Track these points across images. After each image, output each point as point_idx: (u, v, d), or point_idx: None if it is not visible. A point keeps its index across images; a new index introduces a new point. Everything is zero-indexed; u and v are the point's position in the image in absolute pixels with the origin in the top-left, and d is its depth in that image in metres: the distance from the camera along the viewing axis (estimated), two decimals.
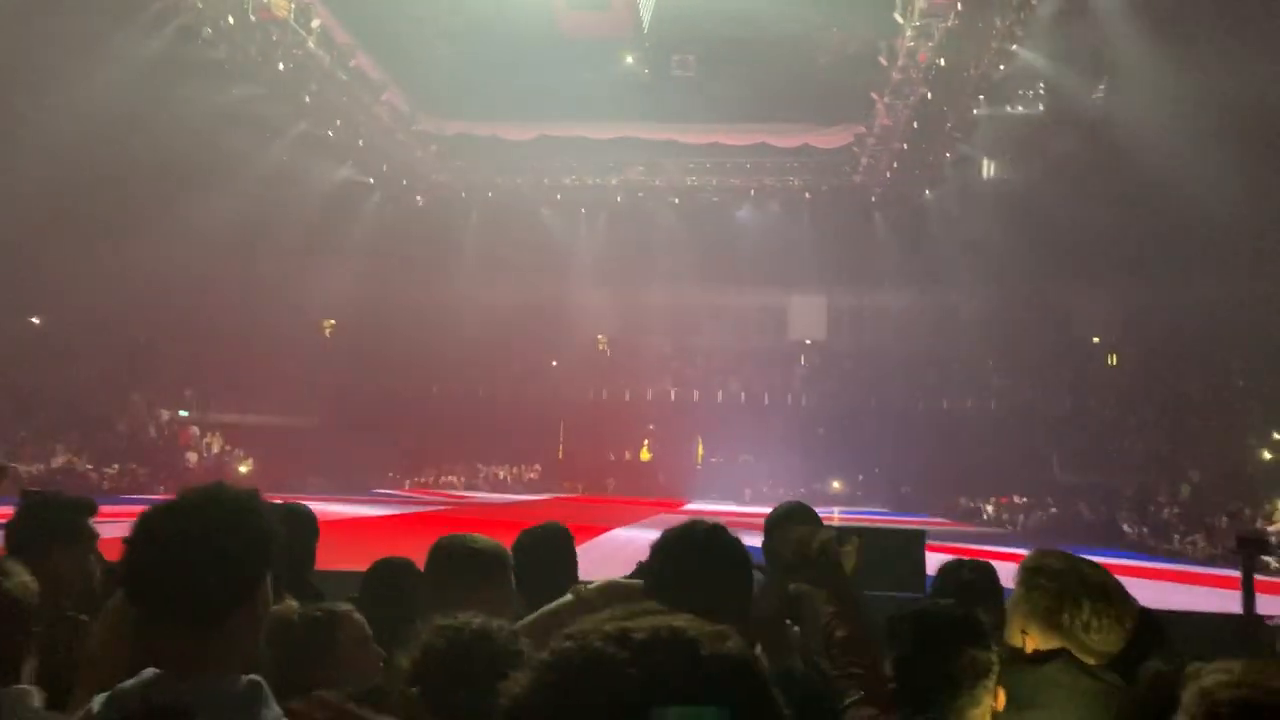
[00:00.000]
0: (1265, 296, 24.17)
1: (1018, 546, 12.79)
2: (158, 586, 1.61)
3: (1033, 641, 2.41)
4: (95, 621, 2.43)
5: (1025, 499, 24.98)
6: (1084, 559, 2.49)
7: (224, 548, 1.61)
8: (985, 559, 3.78)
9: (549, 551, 3.30)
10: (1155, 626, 2.77)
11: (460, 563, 2.65)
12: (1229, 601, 6.88)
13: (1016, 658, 2.38)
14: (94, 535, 2.98)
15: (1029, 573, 2.48)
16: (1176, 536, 17.02)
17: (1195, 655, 2.03)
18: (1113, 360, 33.40)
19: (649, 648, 0.80)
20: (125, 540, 1.65)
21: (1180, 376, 29.11)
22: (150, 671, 1.61)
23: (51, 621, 2.45)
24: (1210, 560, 15.80)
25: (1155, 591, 8.57)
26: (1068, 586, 2.39)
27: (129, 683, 1.63)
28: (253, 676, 1.64)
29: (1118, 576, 2.49)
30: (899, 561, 6.79)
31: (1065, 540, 18.89)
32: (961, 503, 27.22)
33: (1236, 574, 4.14)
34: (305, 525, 3.57)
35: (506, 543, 2.90)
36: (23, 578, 2.11)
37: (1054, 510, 22.71)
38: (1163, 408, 29.04)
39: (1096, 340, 33.80)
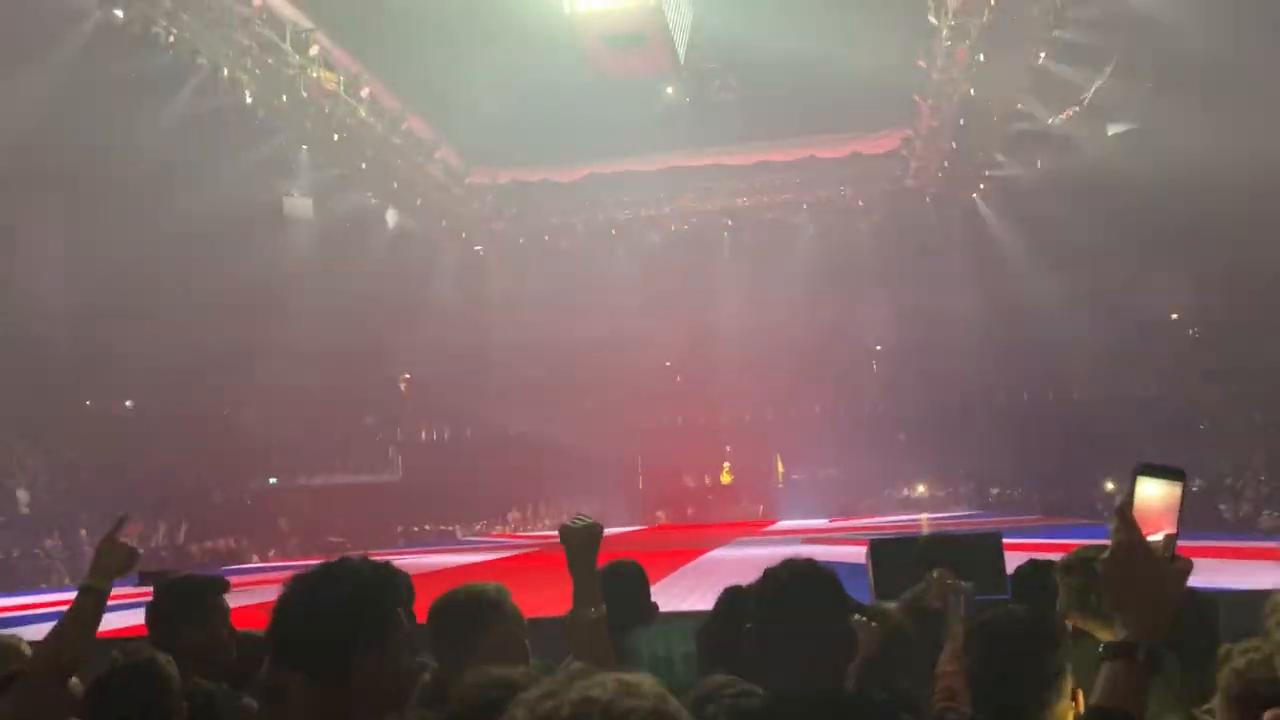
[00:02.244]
0: None
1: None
2: (291, 636, 1.86)
3: (1076, 628, 2.53)
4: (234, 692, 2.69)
5: (1118, 485, 24.40)
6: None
7: (347, 598, 1.87)
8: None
9: (620, 585, 3.41)
10: (1199, 606, 2.85)
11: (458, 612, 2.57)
12: None
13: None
14: (226, 610, 3.23)
15: (1065, 565, 2.64)
16: (1266, 512, 16.53)
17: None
18: (1194, 334, 32.51)
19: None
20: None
21: (1264, 342, 28.20)
22: None
23: (188, 694, 2.66)
24: None
25: (1242, 573, 8.41)
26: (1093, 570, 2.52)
27: None
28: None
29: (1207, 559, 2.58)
30: (978, 565, 6.85)
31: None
32: (1050, 498, 26.71)
33: None
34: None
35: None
36: (170, 670, 2.37)
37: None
38: (1251, 375, 28.15)
39: (1175, 316, 32.96)
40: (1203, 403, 28.82)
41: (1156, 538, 1.48)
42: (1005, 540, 6.59)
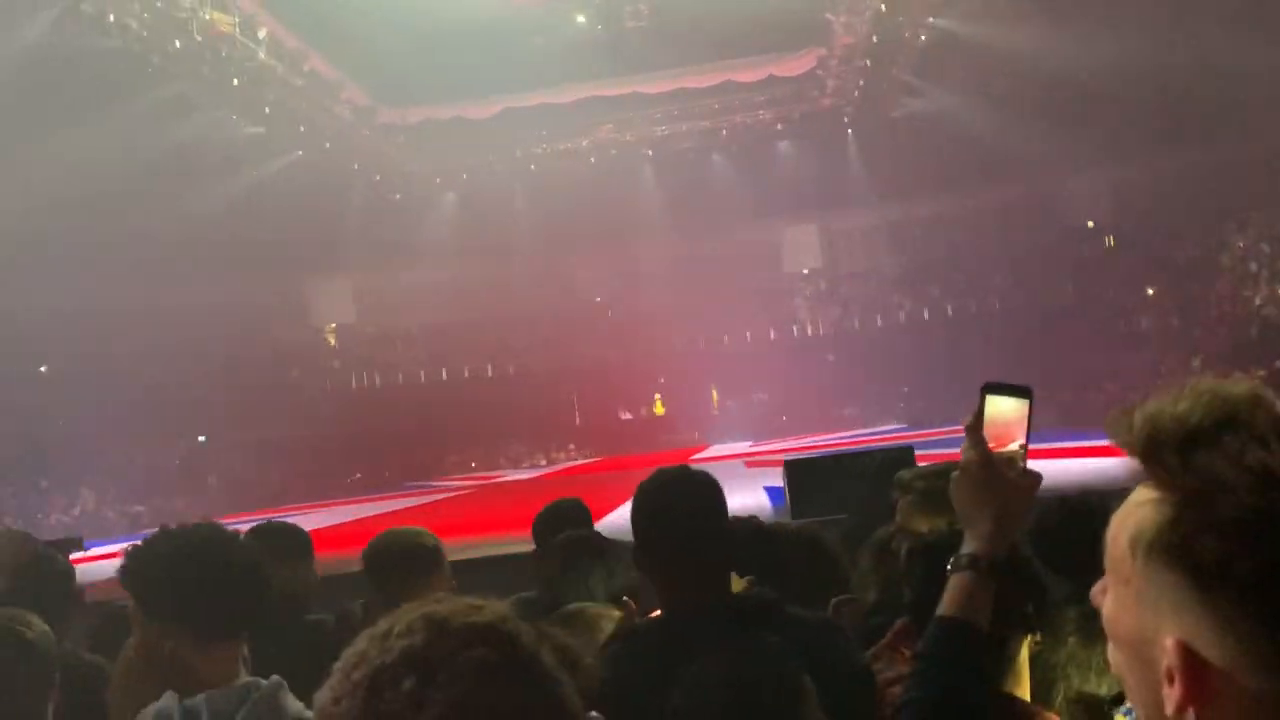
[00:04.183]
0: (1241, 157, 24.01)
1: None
2: (192, 610, 1.84)
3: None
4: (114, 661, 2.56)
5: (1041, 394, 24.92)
6: None
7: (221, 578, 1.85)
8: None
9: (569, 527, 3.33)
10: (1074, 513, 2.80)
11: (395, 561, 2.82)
12: None
13: None
14: (71, 572, 3.12)
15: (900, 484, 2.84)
16: None
17: None
18: (1110, 242, 33.30)
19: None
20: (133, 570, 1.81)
21: (1177, 246, 29.07)
22: (170, 694, 1.75)
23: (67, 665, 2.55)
24: None
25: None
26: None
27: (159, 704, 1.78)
28: (275, 677, 1.82)
29: None
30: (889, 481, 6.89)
31: (1077, 427, 19.00)
32: (972, 407, 27.20)
33: None
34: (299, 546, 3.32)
35: None
36: (42, 627, 2.24)
37: (1067, 401, 22.72)
38: (1164, 281, 29.05)
39: (1091, 225, 33.69)
40: (1120, 308, 29.63)
41: (1012, 447, 1.50)
42: (923, 452, 6.66)
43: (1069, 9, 23.72)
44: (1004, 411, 1.52)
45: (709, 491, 2.15)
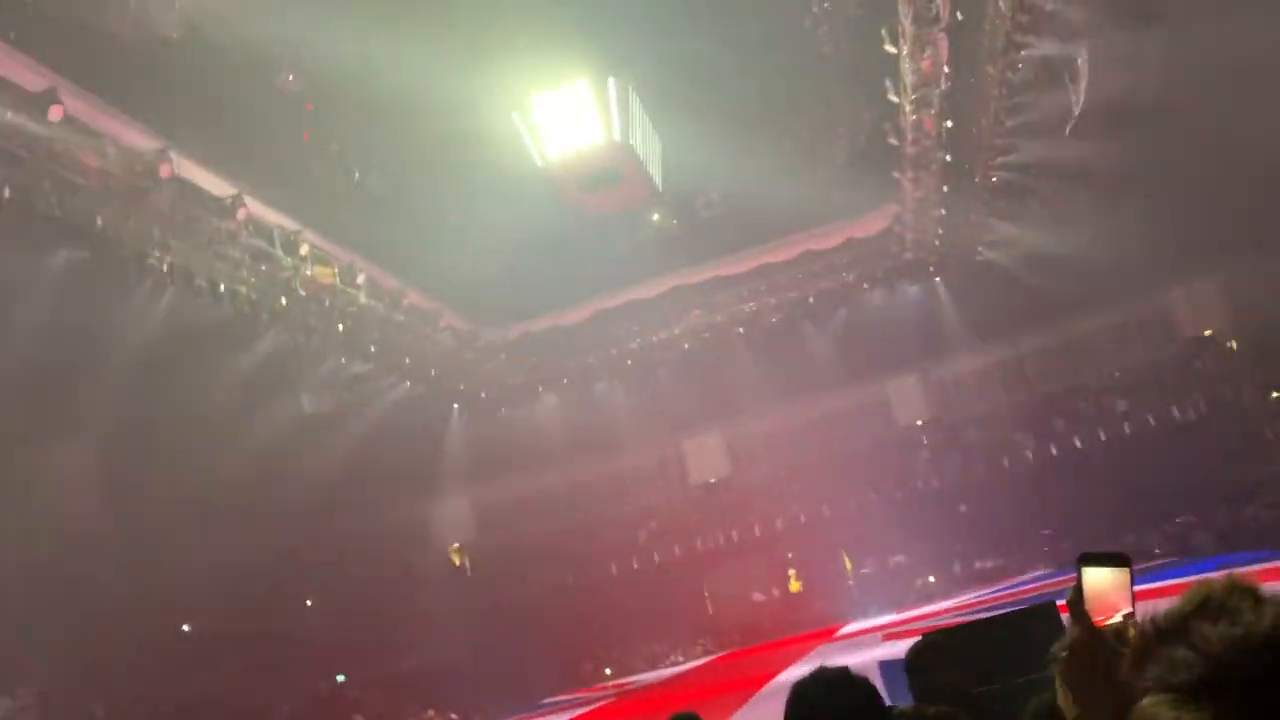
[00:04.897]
0: None
1: (1186, 574, 11.91)
2: None
3: None
4: None
5: (1191, 517, 23.45)
6: None
7: None
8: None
9: None
10: None
11: None
12: None
13: None
14: None
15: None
16: None
17: None
18: (1233, 346, 31.77)
19: None
20: None
21: None
22: None
23: None
24: None
25: None
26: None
27: None
28: None
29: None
30: (1040, 639, 6.34)
31: (1236, 553, 17.66)
32: (1127, 540, 25.66)
33: None
34: None
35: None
36: None
37: (1220, 520, 21.25)
38: None
39: (1209, 333, 32.30)
40: (1259, 415, 27.96)
41: (1117, 619, 1.44)
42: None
43: (1135, 111, 23.49)
44: (1103, 582, 1.47)
45: (860, 698, 2.23)
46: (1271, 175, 22.65)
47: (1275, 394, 28.17)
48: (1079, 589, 1.47)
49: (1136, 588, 1.52)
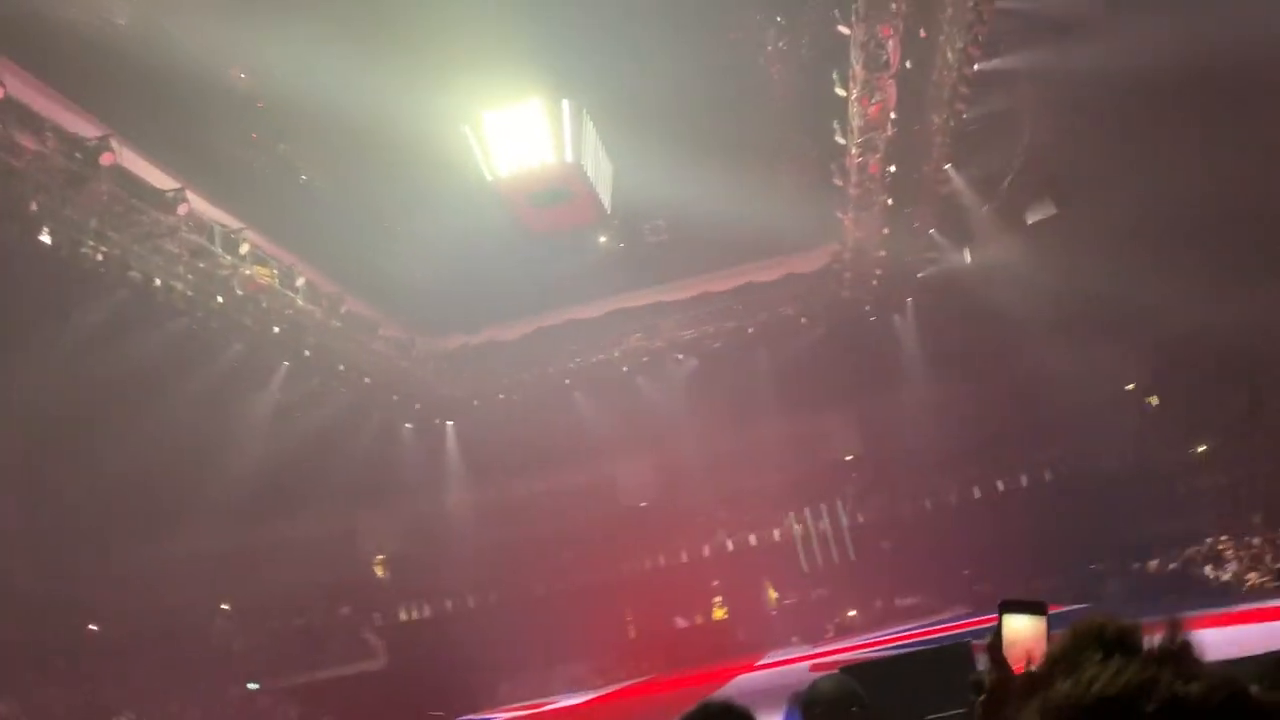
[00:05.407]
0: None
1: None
2: None
3: None
4: None
5: (1104, 566, 24.12)
6: None
7: None
8: None
9: None
10: None
11: None
12: None
13: None
14: None
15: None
16: (1253, 574, 16.33)
17: None
18: (1153, 403, 32.79)
19: None
20: None
21: (1219, 402, 28.60)
22: None
23: None
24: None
25: (1217, 639, 8.17)
26: None
27: None
28: None
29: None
30: (951, 678, 6.58)
31: (1144, 601, 18.22)
32: (1043, 584, 26.29)
33: None
34: None
35: None
36: None
37: (1131, 569, 21.91)
38: (1217, 439, 28.49)
39: (1131, 388, 33.29)
40: (1174, 470, 28.89)
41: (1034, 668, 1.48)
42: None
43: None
44: (1023, 629, 1.52)
45: None
46: (1200, 232, 23.58)
47: (1192, 450, 29.14)
48: (999, 634, 1.52)
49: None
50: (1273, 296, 25.39)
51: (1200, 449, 29.12)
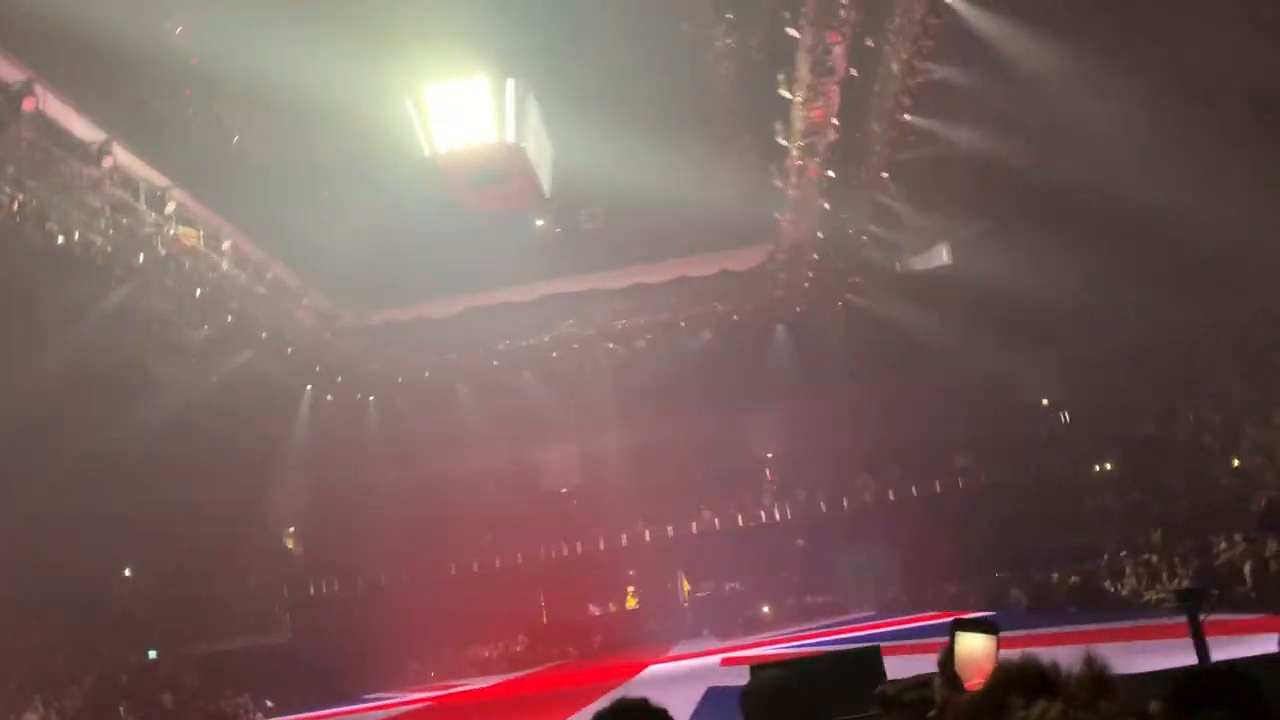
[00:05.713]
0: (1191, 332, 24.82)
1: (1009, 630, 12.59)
2: None
3: None
4: None
5: (1008, 574, 24.76)
6: None
7: None
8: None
9: None
10: None
11: None
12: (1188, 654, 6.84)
13: None
14: None
15: None
16: (1153, 592, 16.94)
17: None
18: (1065, 418, 33.78)
19: None
20: None
21: (1131, 421, 29.60)
22: None
23: None
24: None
25: (1118, 654, 8.44)
26: None
27: None
28: None
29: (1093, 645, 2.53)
30: (861, 683, 6.71)
31: (1046, 612, 18.80)
32: (950, 591, 26.96)
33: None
34: None
35: None
36: None
37: (1035, 579, 22.55)
38: (1123, 457, 29.50)
39: (1045, 402, 34.25)
40: (1082, 485, 29.83)
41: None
42: (893, 644, 6.47)
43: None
44: (975, 648, 1.61)
45: None
46: (1131, 248, 24.31)
47: (1098, 467, 30.11)
48: (950, 651, 1.54)
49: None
50: (1192, 317, 26.41)
51: (1106, 466, 30.12)
